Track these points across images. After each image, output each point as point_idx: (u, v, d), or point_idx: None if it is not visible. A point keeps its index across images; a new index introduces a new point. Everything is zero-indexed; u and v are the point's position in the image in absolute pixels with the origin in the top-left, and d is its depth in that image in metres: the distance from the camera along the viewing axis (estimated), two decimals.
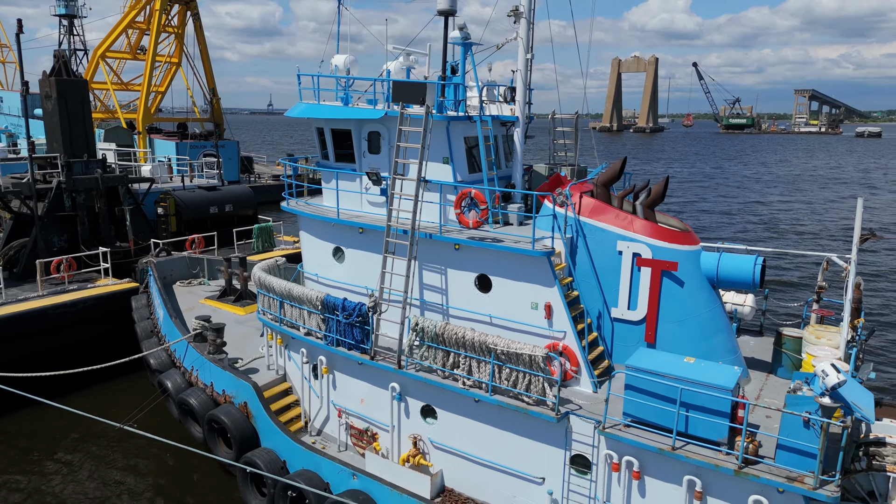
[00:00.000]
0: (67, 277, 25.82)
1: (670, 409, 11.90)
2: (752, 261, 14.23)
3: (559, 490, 13.65)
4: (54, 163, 28.25)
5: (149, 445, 19.70)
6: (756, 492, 11.33)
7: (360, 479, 14.90)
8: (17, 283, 25.98)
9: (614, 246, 14.69)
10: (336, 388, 17.07)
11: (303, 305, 16.96)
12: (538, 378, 13.36)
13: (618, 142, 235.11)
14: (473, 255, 15.15)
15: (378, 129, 16.83)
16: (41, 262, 25.20)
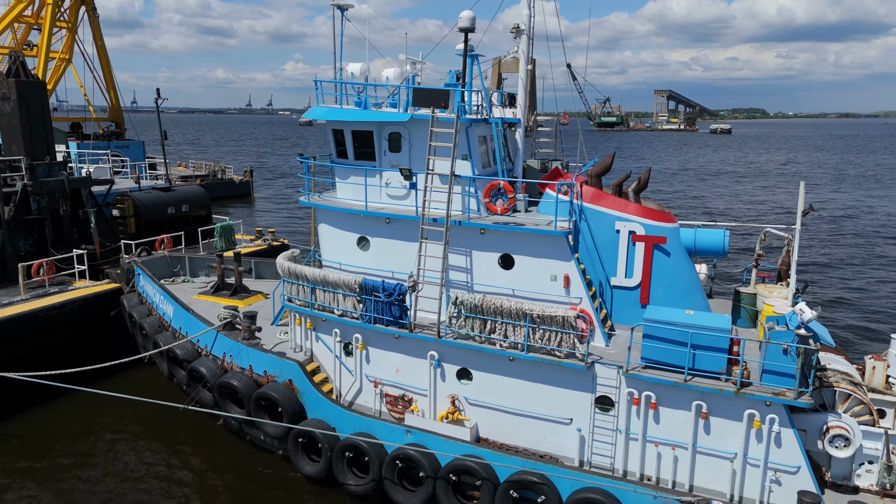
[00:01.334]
0: (48, 280, 25.59)
1: (682, 350, 15.19)
2: (721, 234, 17.97)
3: (586, 427, 16.62)
4: (14, 165, 27.60)
5: (168, 436, 20.72)
6: (749, 407, 14.85)
7: (414, 434, 17.17)
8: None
9: (612, 226, 17.87)
10: (370, 361, 19.09)
11: (337, 290, 18.84)
12: (568, 335, 16.26)
13: None
14: (497, 237, 17.81)
15: (399, 130, 19.03)
16: (23, 265, 24.86)
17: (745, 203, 76.68)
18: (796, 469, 14.76)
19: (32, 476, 19.07)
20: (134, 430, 21.72)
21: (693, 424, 15.46)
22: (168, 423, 22.03)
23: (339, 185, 20.40)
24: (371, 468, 17.19)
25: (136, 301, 24.94)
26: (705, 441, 15.47)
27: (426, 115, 18.04)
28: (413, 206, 18.86)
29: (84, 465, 19.62)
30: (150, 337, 22.67)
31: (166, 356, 21.41)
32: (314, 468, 18.12)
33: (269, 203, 73.77)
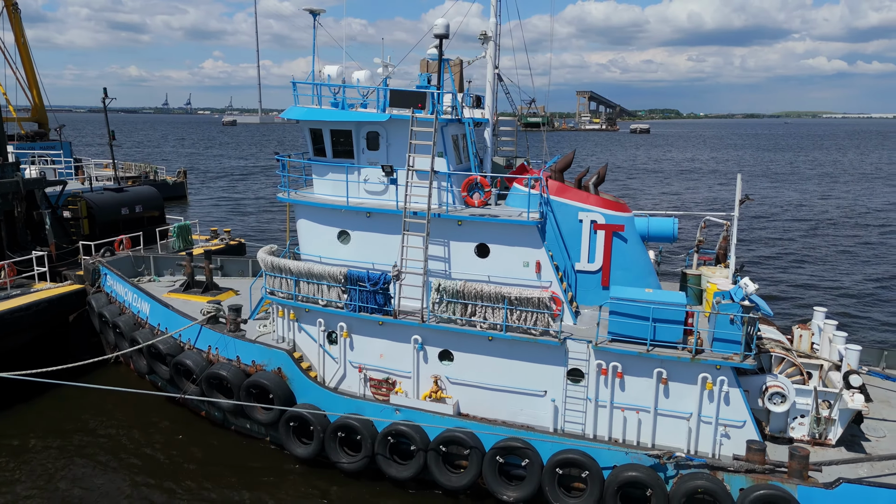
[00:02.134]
0: (10, 283, 25.22)
1: (644, 324, 17.17)
2: (671, 221, 20.17)
3: (560, 398, 18.37)
4: None
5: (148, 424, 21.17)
6: (702, 371, 16.97)
7: (403, 412, 18.47)
8: None
9: (576, 216, 19.72)
10: (354, 348, 20.20)
11: (322, 281, 19.87)
12: (543, 315, 17.98)
13: None
14: (474, 228, 19.34)
15: (377, 129, 20.26)
16: None
17: (679, 196, 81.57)
18: (742, 423, 17.00)
19: (19, 471, 19.15)
20: (114, 428, 21.94)
21: (654, 390, 17.46)
22: (148, 419, 22.41)
23: (317, 182, 21.41)
24: (363, 446, 18.37)
25: (104, 301, 24.99)
26: (665, 404, 17.51)
27: (405, 115, 19.35)
28: (391, 200, 20.10)
29: (68, 462, 19.80)
30: (126, 335, 22.88)
31: (147, 352, 21.76)
32: (306, 450, 19.10)
33: (206, 205, 72.60)
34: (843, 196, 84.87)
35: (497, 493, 17.39)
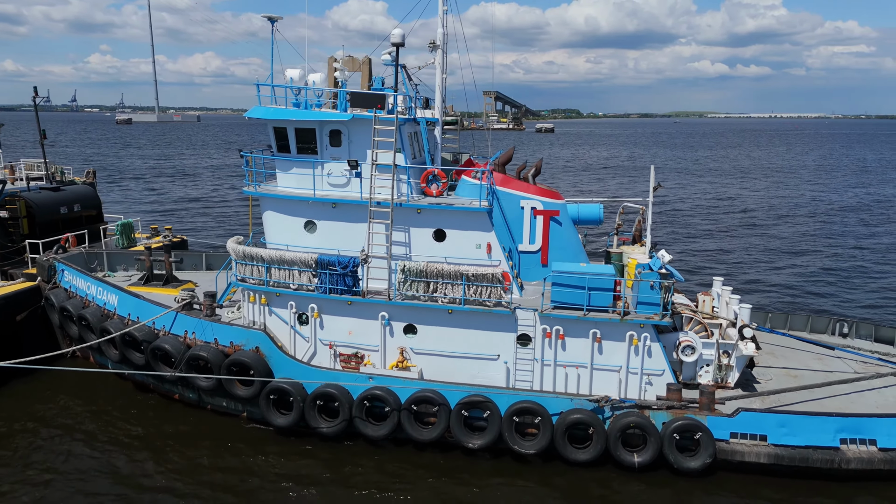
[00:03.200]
0: None
1: (581, 292, 20.31)
2: (598, 207, 23.51)
3: (511, 360, 21.25)
4: None
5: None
6: (629, 330, 20.31)
7: (376, 380, 20.76)
8: None
9: (518, 203, 22.65)
10: (324, 327, 22.24)
11: (293, 266, 21.79)
12: (496, 288, 20.77)
13: None
14: (431, 215, 21.87)
15: (340, 127, 22.38)
16: None
17: (603, 186, 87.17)
18: (662, 371, 20.51)
19: None
20: (85, 416, 22.81)
21: (590, 348, 20.69)
22: (118, 406, 23.43)
23: (281, 176, 23.23)
24: (341, 411, 20.50)
25: (64, 296, 25.56)
26: (599, 359, 20.76)
27: (368, 115, 21.60)
28: (353, 192, 22.27)
29: (44, 451, 20.65)
30: (94, 326, 23.71)
31: (120, 341, 22.78)
32: (286, 419, 20.98)
33: (119, 205, 70.77)
34: (737, 186, 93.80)
35: (463, 442, 20.05)
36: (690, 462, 18.85)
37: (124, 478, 19.05)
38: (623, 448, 19.23)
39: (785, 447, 18.87)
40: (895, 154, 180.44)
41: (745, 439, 19.11)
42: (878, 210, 74.07)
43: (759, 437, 19.07)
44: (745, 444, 19.06)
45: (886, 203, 79.91)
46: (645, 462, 19.06)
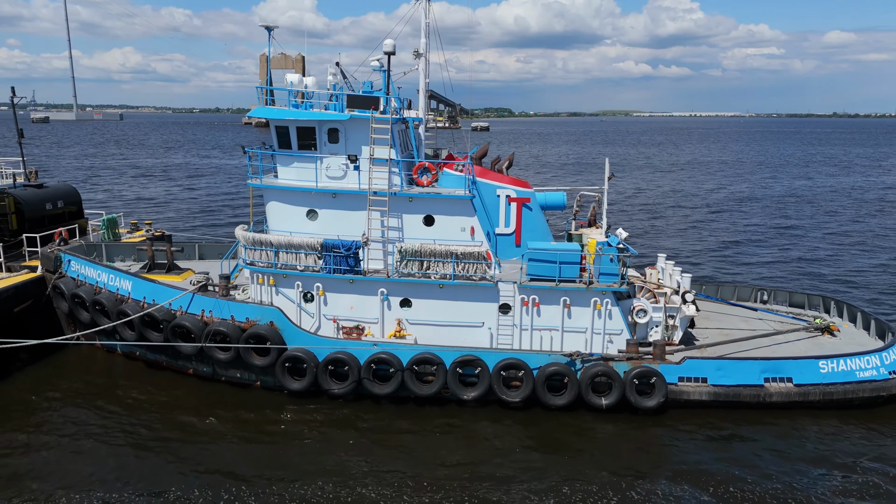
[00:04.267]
0: None
1: (553, 266, 23.95)
2: (562, 195, 27.25)
3: (494, 326, 24.70)
4: None
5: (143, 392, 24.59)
6: (593, 297, 24.11)
7: (379, 346, 23.81)
8: None
9: (495, 192, 26.10)
10: (328, 304, 25.08)
11: (300, 250, 24.53)
12: (481, 264, 24.17)
13: (267, 136, 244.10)
14: (422, 203, 25.05)
15: (337, 126, 25.23)
16: None
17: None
18: (621, 331, 24.42)
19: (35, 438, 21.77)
20: (108, 393, 24.80)
21: (561, 313, 24.39)
22: (138, 384, 25.53)
23: (283, 170, 25.88)
24: (350, 374, 23.46)
25: (73, 284, 27.29)
26: (568, 322, 24.47)
27: (365, 115, 24.57)
28: (350, 183, 25.19)
29: (79, 428, 22.66)
30: (110, 310, 25.66)
31: (139, 322, 24.89)
32: (300, 384, 23.74)
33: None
34: (673, 178, 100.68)
35: (458, 395, 23.39)
36: (648, 402, 22.84)
37: (152, 443, 21.23)
38: (593, 393, 23.03)
39: (721, 386, 23.14)
40: (808, 149, 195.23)
41: (690, 382, 23.27)
42: (790, 199, 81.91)
43: (701, 379, 23.27)
44: (690, 385, 23.22)
45: (798, 193, 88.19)
46: (611, 404, 22.93)
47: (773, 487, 19.10)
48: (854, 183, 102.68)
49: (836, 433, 22.15)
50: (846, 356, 23.67)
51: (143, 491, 18.54)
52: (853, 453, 20.94)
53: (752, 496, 18.69)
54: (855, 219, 67.51)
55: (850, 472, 19.93)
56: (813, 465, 20.32)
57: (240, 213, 64.20)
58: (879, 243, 55.21)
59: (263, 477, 19.32)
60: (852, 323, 28.00)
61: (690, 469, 20.05)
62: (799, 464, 20.37)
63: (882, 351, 24.06)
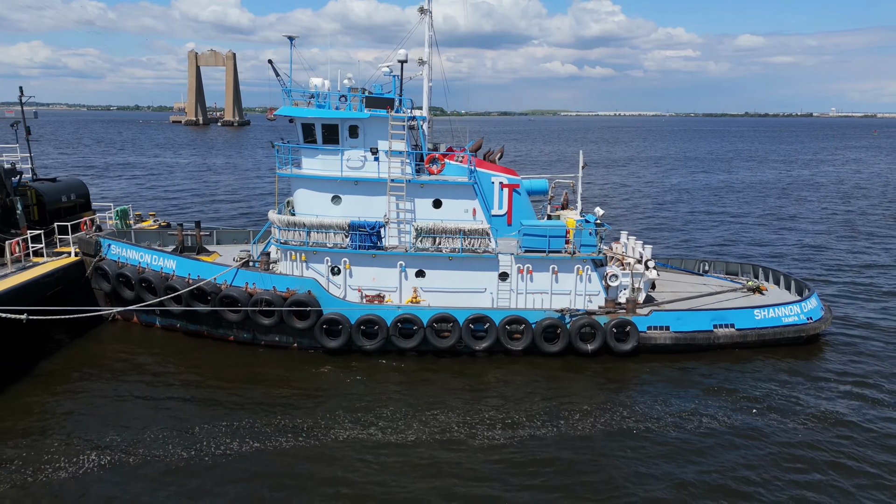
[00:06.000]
0: (22, 256, 29.21)
1: (543, 239, 28.98)
2: (546, 182, 32.37)
3: (495, 292, 29.54)
4: None
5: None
6: (576, 264, 29.29)
7: (402, 309, 28.24)
8: None
9: (490, 179, 30.90)
10: (353, 276, 29.29)
11: (330, 230, 28.64)
12: (484, 239, 28.95)
13: (208, 135, 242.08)
14: (432, 189, 29.59)
15: (357, 123, 29.44)
16: (10, 242, 28.30)
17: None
18: (598, 292, 29.71)
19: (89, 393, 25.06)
20: (157, 363, 28.15)
21: (550, 279, 29.48)
22: (183, 352, 28.97)
23: (308, 161, 29.81)
24: (380, 332, 27.79)
25: (115, 266, 30.33)
26: (556, 287, 29.58)
27: (383, 114, 28.87)
28: (369, 172, 29.41)
29: (122, 390, 26.04)
30: (158, 287, 28.95)
31: (187, 296, 28.35)
32: (336, 342, 27.89)
33: None
34: (616, 173, 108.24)
35: (471, 347, 28.12)
36: (624, 346, 28.24)
37: (202, 400, 24.88)
38: (580, 341, 28.24)
39: (680, 332, 28.80)
40: (728, 146, 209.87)
41: (656, 330, 28.82)
42: (720, 189, 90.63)
43: (665, 327, 28.86)
44: (656, 333, 28.77)
45: (725, 183, 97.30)
46: (595, 349, 28.21)
47: (719, 404, 24.73)
48: (771, 175, 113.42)
49: (768, 364, 28.12)
50: (774, 305, 29.82)
51: (214, 431, 22.38)
52: (778, 379, 26.89)
53: (703, 412, 24.24)
54: (776, 203, 76.24)
55: (778, 387, 25.84)
56: (750, 386, 26.12)
57: (206, 208, 66.65)
58: (794, 223, 63.42)
59: (313, 417, 23.47)
60: (776, 284, 34.40)
61: (659, 394, 25.47)
62: (738, 385, 26.14)
63: (801, 301, 30.36)
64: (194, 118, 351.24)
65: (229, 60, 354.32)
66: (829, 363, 28.54)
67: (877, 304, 37.29)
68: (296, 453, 20.88)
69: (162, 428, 22.15)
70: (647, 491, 19.24)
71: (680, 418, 23.55)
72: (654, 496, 19.02)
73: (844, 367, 28.04)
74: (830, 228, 62.23)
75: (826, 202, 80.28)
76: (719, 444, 21.86)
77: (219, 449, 20.94)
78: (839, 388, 26.05)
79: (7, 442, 21.09)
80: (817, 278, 42.45)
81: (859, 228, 62.23)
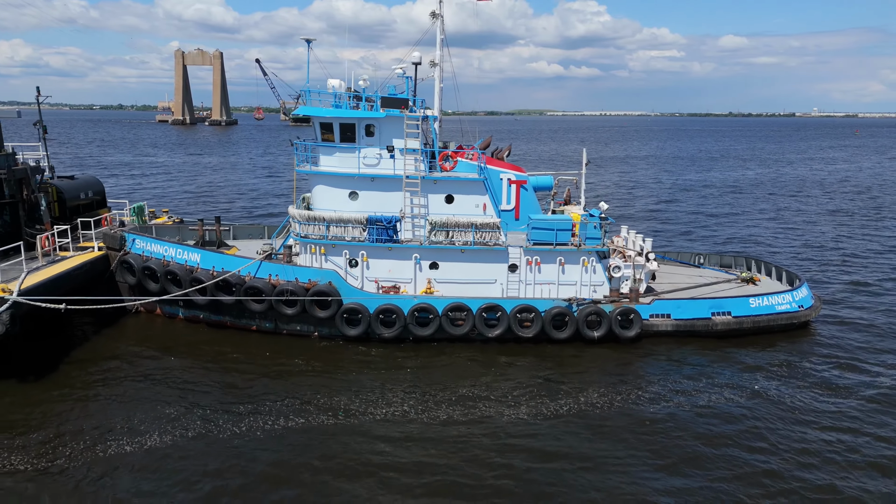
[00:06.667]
0: (51, 251, 30.35)
1: (550, 232, 30.57)
2: (550, 178, 33.98)
3: (504, 282, 31.10)
4: None
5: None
6: (582, 256, 30.92)
7: (418, 299, 29.73)
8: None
9: (499, 176, 32.43)
10: (370, 268, 30.72)
11: (348, 224, 30.05)
12: (495, 232, 30.50)
13: (196, 134, 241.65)
14: (444, 185, 31.09)
15: (373, 122, 30.86)
16: (41, 237, 29.50)
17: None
18: (602, 283, 31.36)
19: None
20: (184, 351, 29.43)
21: (557, 271, 31.08)
22: (209, 341, 30.27)
23: (325, 159, 31.19)
24: (397, 321, 29.25)
25: (140, 259, 31.54)
26: (562, 278, 31.19)
27: (397, 113, 30.31)
28: (385, 169, 30.84)
29: (149, 380, 27.34)
30: (183, 279, 30.21)
31: (213, 287, 29.64)
32: (356, 330, 29.32)
33: None
34: (610, 171, 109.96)
35: (484, 334, 29.66)
36: (628, 333, 29.91)
37: (231, 385, 26.30)
38: (587, 328, 29.88)
39: (681, 320, 30.52)
40: (713, 145, 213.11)
41: (658, 318, 30.51)
42: (714, 187, 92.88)
43: (666, 315, 30.56)
44: (658, 320, 30.47)
45: (716, 181, 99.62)
46: (601, 336, 29.86)
47: (716, 384, 26.45)
48: (760, 173, 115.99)
49: (763, 349, 29.90)
50: (768, 294, 31.64)
51: (239, 413, 23.77)
52: (771, 362, 28.67)
53: (703, 391, 25.95)
54: (767, 200, 78.47)
55: (771, 368, 27.61)
56: (745, 368, 27.87)
57: (209, 207, 67.72)
58: (784, 218, 65.58)
59: (336, 398, 24.92)
60: (768, 276, 36.25)
61: (660, 377, 27.14)
62: (735, 369, 27.88)
63: (792, 291, 32.20)
64: (181, 117, 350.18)
65: (216, 59, 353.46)
66: (818, 347, 30.38)
67: (863, 293, 39.28)
68: (334, 431, 22.29)
69: (193, 406, 23.50)
70: (652, 462, 20.89)
71: (682, 396, 25.21)
72: (659, 464, 20.67)
73: (832, 351, 29.89)
74: (819, 223, 64.49)
75: (813, 198, 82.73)
76: (718, 418, 23.55)
77: (252, 424, 22.32)
78: (827, 369, 27.88)
79: (38, 424, 22.35)
80: (807, 270, 44.42)
81: (846, 223, 64.55)
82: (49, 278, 27.71)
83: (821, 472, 20.42)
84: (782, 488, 19.57)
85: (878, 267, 46.23)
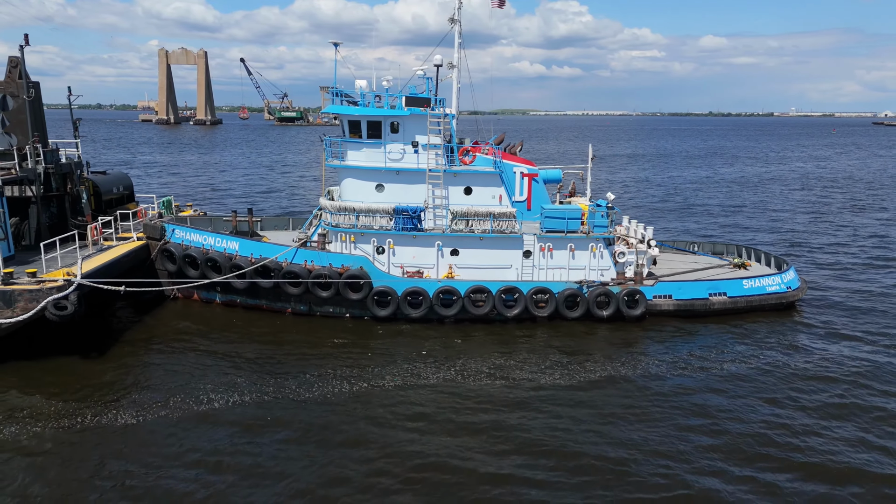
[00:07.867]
0: (99, 240, 32.53)
1: (562, 220, 33.34)
2: (559, 171, 36.76)
3: (519, 268, 33.81)
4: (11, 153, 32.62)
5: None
6: (591, 242, 33.73)
7: (443, 282, 32.35)
8: (33, 252, 31.17)
9: (512, 169, 35.15)
10: (396, 255, 33.28)
11: (376, 213, 32.59)
12: (511, 221, 33.20)
13: (184, 134, 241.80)
14: (464, 178, 33.73)
15: (398, 120, 33.41)
16: (91, 226, 31.70)
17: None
18: (609, 267, 34.21)
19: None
20: (227, 333, 31.77)
21: (567, 256, 33.86)
22: (247, 323, 32.65)
23: (353, 154, 33.68)
24: (424, 302, 31.85)
25: (181, 248, 33.81)
26: (573, 263, 33.98)
27: (421, 111, 32.88)
28: (408, 163, 33.40)
29: (192, 357, 29.70)
30: (223, 265, 32.53)
31: (253, 272, 32.01)
32: (386, 311, 31.87)
33: None
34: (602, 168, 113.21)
35: (503, 314, 32.36)
36: (634, 312, 32.76)
37: (273, 362, 28.75)
38: (596, 308, 32.69)
39: (681, 300, 33.45)
40: (698, 143, 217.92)
41: (660, 298, 33.42)
42: (703, 182, 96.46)
43: (668, 296, 33.47)
44: (661, 300, 33.37)
45: (707, 177, 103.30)
46: (609, 315, 32.69)
47: (717, 357, 29.40)
48: (744, 169, 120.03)
49: (755, 326, 32.92)
50: (759, 276, 34.70)
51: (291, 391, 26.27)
52: (763, 337, 31.70)
53: (700, 363, 28.87)
54: (754, 192, 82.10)
55: (763, 342, 30.62)
56: (739, 343, 30.84)
57: (217, 203, 69.72)
58: (771, 209, 69.08)
59: (370, 372, 27.49)
60: (758, 261, 39.35)
61: (662, 351, 30.00)
62: (729, 343, 30.84)
63: (781, 273, 35.29)
64: (165, 117, 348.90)
65: (201, 59, 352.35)
66: (804, 324, 33.47)
67: (845, 275, 42.57)
68: (367, 398, 24.87)
69: (235, 380, 25.95)
70: (653, 425, 23.74)
71: (682, 369, 28.09)
72: (659, 430, 23.52)
73: (818, 327, 32.99)
74: (803, 214, 68.06)
75: (796, 191, 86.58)
76: (713, 388, 26.46)
77: (285, 394, 24.82)
78: (812, 340, 30.95)
79: (116, 387, 24.69)
80: (794, 255, 47.69)
81: (828, 214, 68.20)
82: (104, 264, 29.93)
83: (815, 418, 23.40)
84: (780, 426, 22.51)
85: (855, 255, 49.67)
